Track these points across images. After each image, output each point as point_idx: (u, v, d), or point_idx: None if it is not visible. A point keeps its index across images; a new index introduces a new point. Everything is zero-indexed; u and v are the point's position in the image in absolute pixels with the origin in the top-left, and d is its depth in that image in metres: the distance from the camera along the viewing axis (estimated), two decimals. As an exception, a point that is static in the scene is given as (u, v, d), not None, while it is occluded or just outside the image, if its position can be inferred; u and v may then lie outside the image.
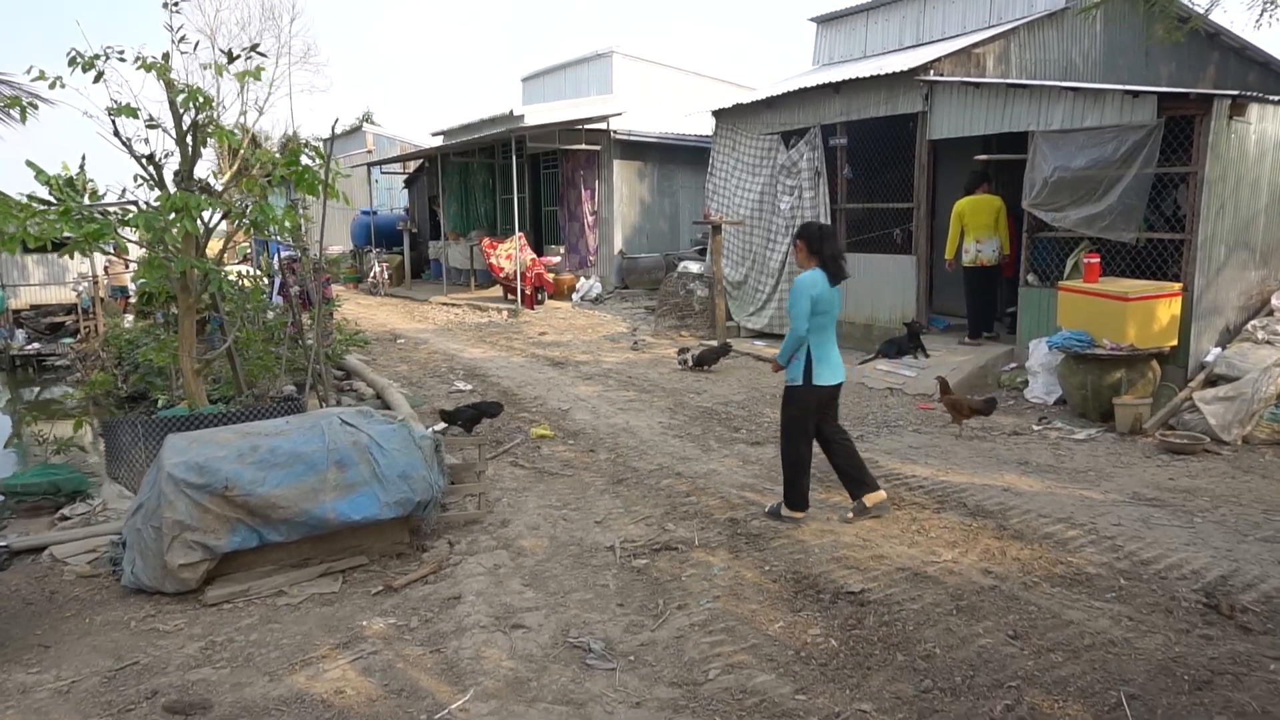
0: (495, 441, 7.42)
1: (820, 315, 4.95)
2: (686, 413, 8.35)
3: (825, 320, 4.98)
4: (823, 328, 5.00)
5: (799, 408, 5.12)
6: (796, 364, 5.04)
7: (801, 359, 5.02)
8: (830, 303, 4.95)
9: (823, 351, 5.02)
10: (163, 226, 5.16)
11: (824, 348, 5.02)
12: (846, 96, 10.96)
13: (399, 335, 14.19)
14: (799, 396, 5.10)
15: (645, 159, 17.64)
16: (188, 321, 5.99)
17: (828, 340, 5.06)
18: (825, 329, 5.02)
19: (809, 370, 5.01)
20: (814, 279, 4.94)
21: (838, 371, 5.13)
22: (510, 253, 16.43)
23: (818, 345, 5.00)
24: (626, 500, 5.80)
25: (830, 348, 5.07)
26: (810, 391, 5.06)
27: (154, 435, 5.58)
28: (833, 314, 5.01)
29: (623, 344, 12.61)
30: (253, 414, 5.85)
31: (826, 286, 4.94)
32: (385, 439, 4.74)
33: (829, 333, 5.06)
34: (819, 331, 4.99)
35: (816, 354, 5.00)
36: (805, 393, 5.07)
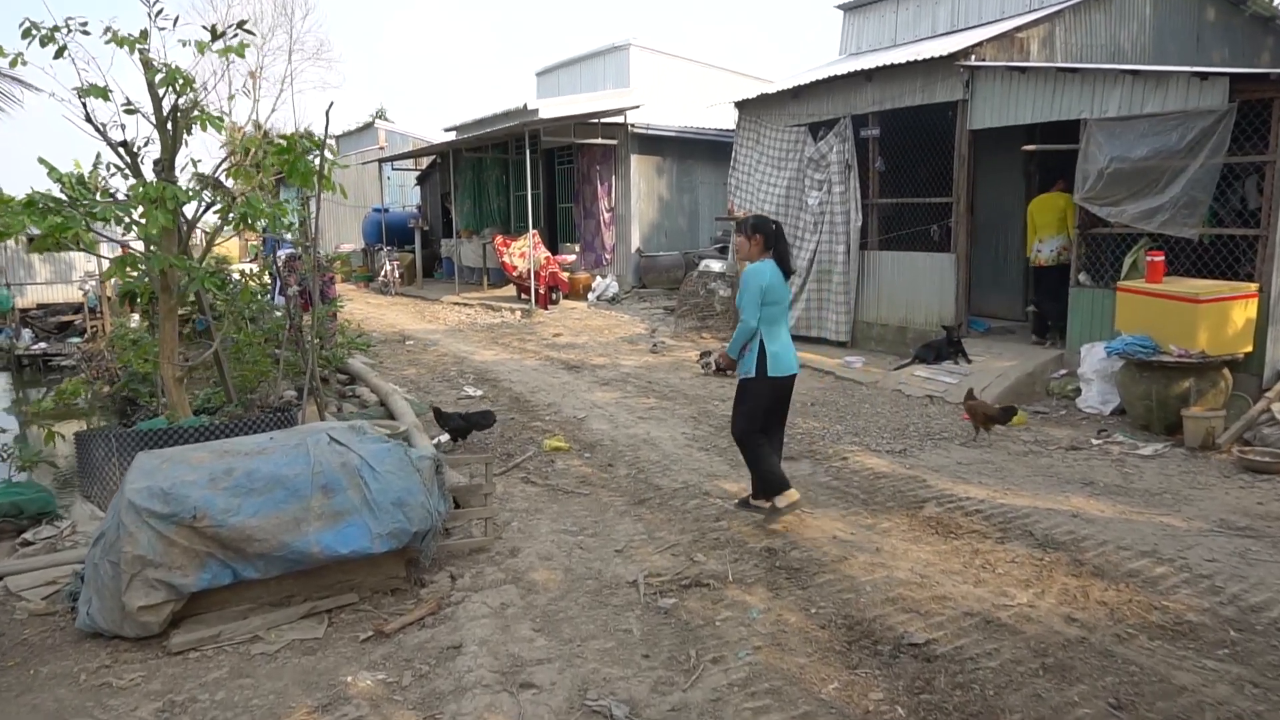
0: (505, 454, 6.86)
1: (771, 306, 4.90)
2: (712, 422, 7.76)
3: (777, 311, 4.95)
4: (774, 319, 4.95)
5: (753, 401, 5.04)
6: (749, 356, 4.98)
7: (754, 351, 4.95)
8: (781, 293, 4.94)
9: (776, 344, 4.96)
10: (133, 220, 4.63)
11: (777, 339, 4.97)
12: (879, 85, 10.33)
13: (408, 336, 13.67)
14: (752, 389, 5.02)
15: (664, 154, 17.06)
16: (169, 325, 5.47)
17: (781, 331, 5.01)
18: (777, 320, 4.98)
19: (762, 362, 4.94)
20: (763, 269, 4.91)
21: (792, 363, 5.06)
22: (524, 251, 15.89)
23: (770, 337, 4.94)
24: (650, 524, 5.23)
25: (783, 341, 5.02)
26: (764, 383, 4.98)
27: (128, 450, 5.05)
28: (784, 304, 5.01)
29: (641, 346, 12.03)
30: (239, 426, 5.31)
31: (778, 278, 4.93)
32: (378, 460, 4.18)
33: (781, 324, 5.03)
34: (770, 323, 4.93)
35: (770, 346, 4.94)
36: (759, 384, 4.99)
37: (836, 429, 7.43)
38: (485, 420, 7.16)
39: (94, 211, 4.56)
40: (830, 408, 8.22)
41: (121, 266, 4.82)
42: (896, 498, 5.59)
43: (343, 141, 30.24)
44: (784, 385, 5.10)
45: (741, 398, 5.10)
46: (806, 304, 11.52)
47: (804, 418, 7.83)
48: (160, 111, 5.33)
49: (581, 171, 17.72)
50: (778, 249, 5.01)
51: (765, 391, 5.02)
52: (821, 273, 11.31)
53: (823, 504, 5.52)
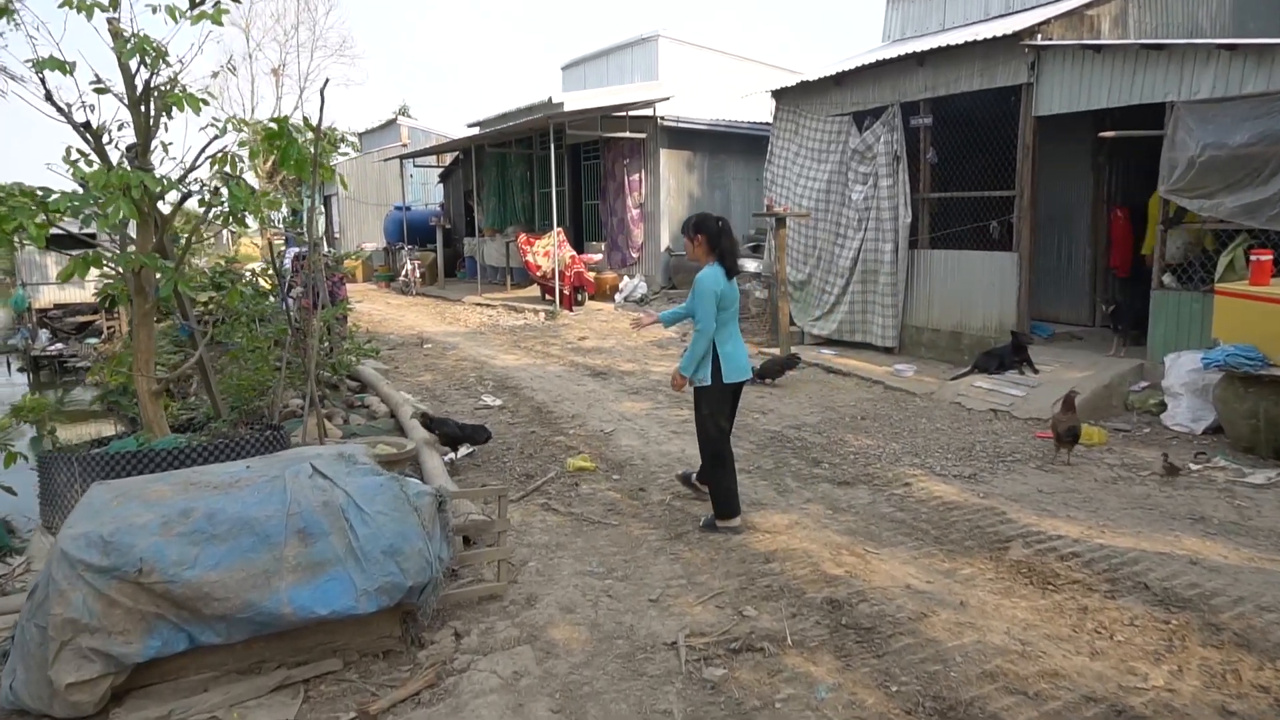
0: (524, 475, 6.16)
1: (723, 311, 4.85)
2: (752, 439, 7.02)
3: (727, 316, 4.90)
4: (725, 323, 4.90)
5: (711, 407, 4.96)
6: (705, 364, 4.89)
7: (709, 358, 4.87)
8: (732, 298, 4.89)
9: (728, 348, 4.90)
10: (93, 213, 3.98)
11: (729, 344, 4.91)
12: (933, 69, 9.52)
13: (426, 339, 13.04)
14: (710, 395, 4.94)
15: (694, 148, 16.30)
16: (144, 331, 4.83)
17: (732, 336, 4.95)
18: (728, 324, 4.92)
19: (718, 368, 4.87)
20: (716, 275, 4.84)
21: (745, 368, 5.00)
22: (548, 249, 15.22)
23: (723, 341, 4.88)
24: (688, 566, 4.50)
25: (736, 343, 4.96)
26: (722, 389, 4.93)
27: (93, 474, 4.41)
28: (734, 309, 4.94)
29: (672, 351, 11.30)
30: (220, 448, 4.66)
31: (726, 281, 4.86)
32: (367, 498, 3.49)
33: (732, 328, 4.96)
34: (722, 328, 4.88)
35: (722, 350, 4.88)
36: (716, 391, 4.92)
37: (893, 448, 6.65)
38: (480, 435, 6.50)
39: (46, 202, 3.92)
40: (882, 422, 7.45)
41: (83, 266, 4.19)
42: (975, 535, 4.82)
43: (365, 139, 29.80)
44: (738, 389, 5.09)
45: (700, 406, 5.01)
46: (850, 307, 10.73)
47: (855, 434, 7.06)
48: (133, 90, 4.68)
49: (608, 167, 17.01)
50: (722, 248, 4.90)
51: (724, 397, 4.97)
52: (866, 273, 10.52)
53: (888, 541, 4.76)
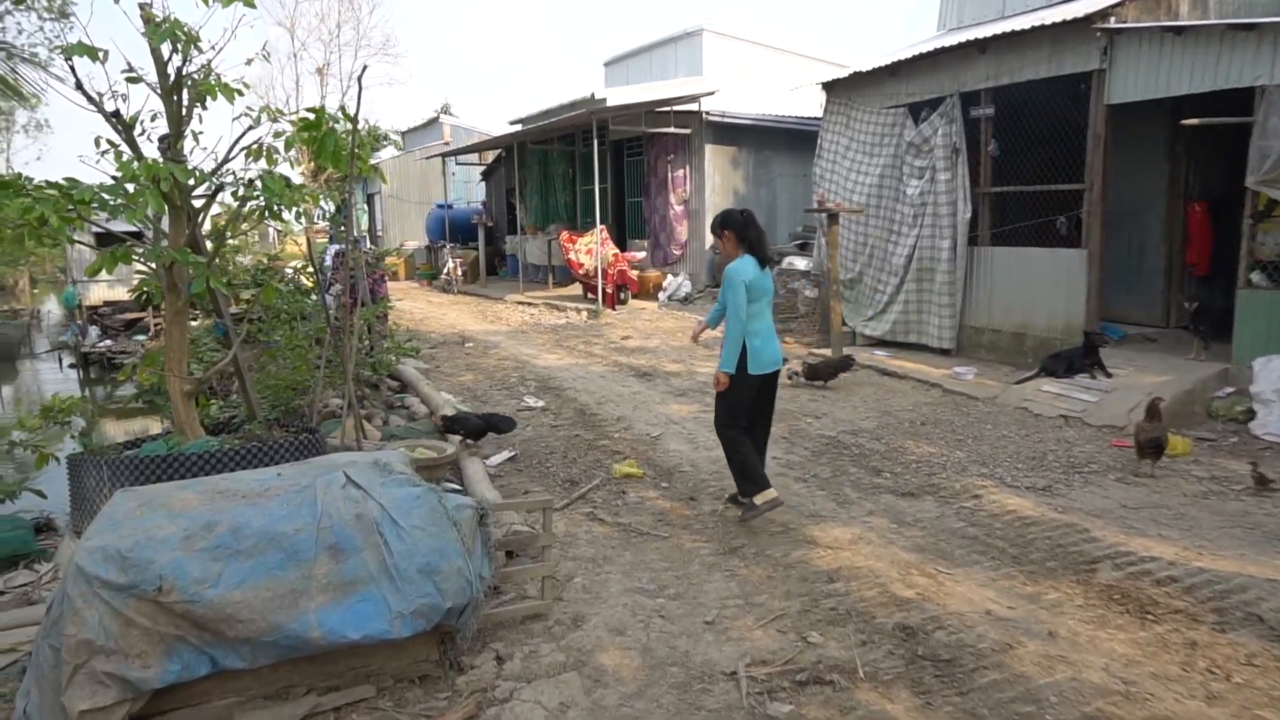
0: (569, 481, 5.89)
1: (754, 302, 4.81)
2: (807, 444, 6.67)
3: (758, 307, 4.85)
4: (756, 314, 4.85)
5: (733, 397, 4.90)
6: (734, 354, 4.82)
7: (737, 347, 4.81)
8: (763, 288, 4.86)
9: (757, 339, 4.84)
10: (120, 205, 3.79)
11: (758, 335, 4.85)
12: (995, 57, 9.06)
13: (468, 338, 12.86)
14: (733, 384, 4.86)
15: (740, 143, 15.94)
16: (176, 329, 4.64)
17: (762, 326, 4.89)
18: (759, 316, 4.88)
19: (743, 358, 4.82)
20: (744, 266, 4.80)
21: (774, 359, 4.94)
22: (591, 247, 14.97)
23: (751, 333, 4.83)
24: (745, 583, 4.18)
25: (765, 334, 4.89)
26: (744, 380, 4.85)
27: (121, 478, 4.23)
28: (765, 299, 4.89)
29: (718, 351, 10.94)
30: (253, 453, 4.45)
31: (757, 271, 4.82)
32: (404, 511, 3.23)
33: (763, 319, 4.91)
34: (753, 319, 4.84)
35: (751, 342, 4.82)
36: (739, 381, 4.85)
37: (958, 456, 6.26)
38: (504, 424, 6.31)
39: (72, 194, 3.73)
40: (944, 428, 7.04)
41: (111, 261, 4.00)
42: (1057, 555, 4.43)
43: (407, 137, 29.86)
44: (767, 381, 5.00)
45: (722, 393, 4.93)
46: (904, 306, 10.30)
47: (916, 440, 6.68)
48: (165, 78, 4.50)
49: (651, 163, 16.72)
50: (751, 238, 4.88)
51: (746, 388, 4.89)
52: (922, 271, 10.08)
53: (962, 560, 4.39)
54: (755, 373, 4.85)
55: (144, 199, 3.80)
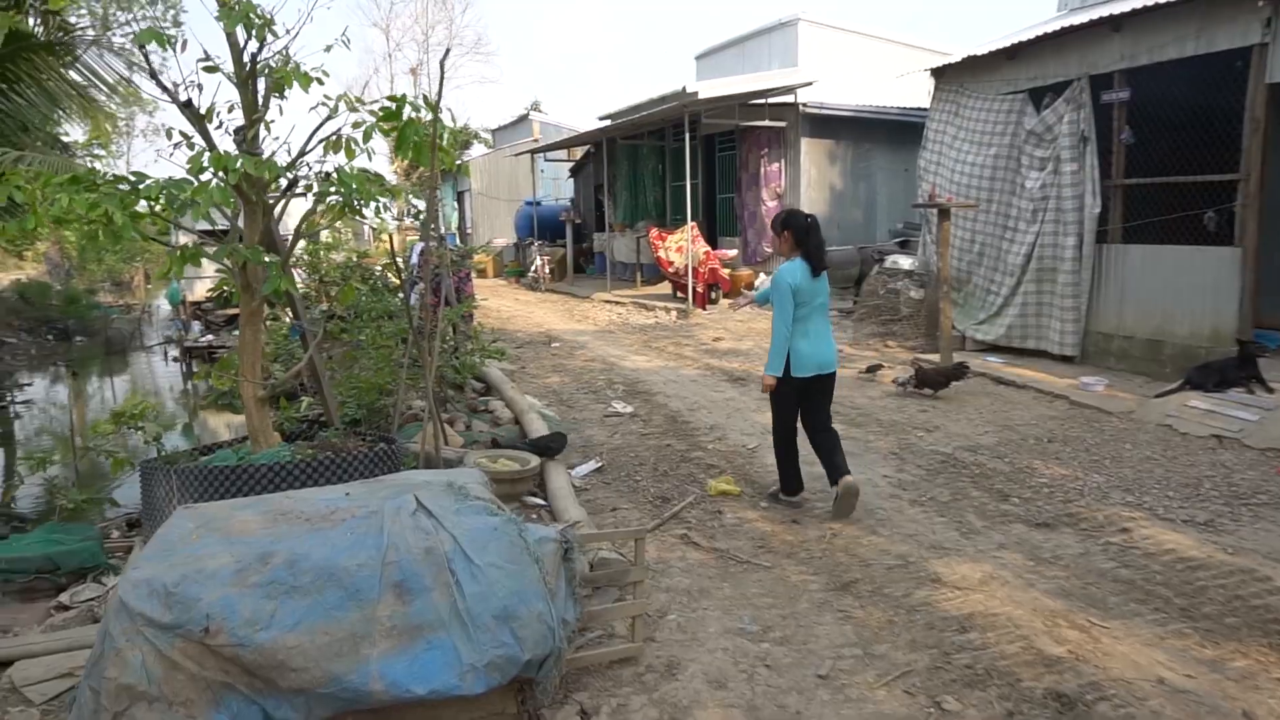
0: (659, 498, 5.46)
1: (802, 306, 4.84)
2: (920, 461, 6.07)
3: (808, 311, 4.88)
4: (805, 318, 4.89)
5: (781, 402, 5.04)
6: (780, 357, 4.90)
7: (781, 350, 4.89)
8: (813, 293, 4.88)
9: (802, 344, 4.88)
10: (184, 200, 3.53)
11: (806, 337, 4.89)
12: (1132, 35, 8.21)
13: (554, 338, 12.59)
14: (779, 388, 4.97)
15: (837, 136, 15.24)
16: (250, 331, 4.40)
17: (810, 330, 4.91)
18: (808, 319, 4.90)
19: (787, 362, 4.89)
20: (793, 269, 4.85)
21: (823, 363, 4.98)
22: (681, 245, 14.52)
23: (799, 336, 4.87)
24: (862, 628, 3.67)
25: (814, 339, 4.92)
26: (787, 383, 4.94)
27: (189, 489, 4.00)
28: (815, 304, 4.91)
29: (814, 355, 10.35)
30: (324, 465, 4.16)
31: (809, 276, 4.85)
32: (479, 545, 2.84)
33: (812, 323, 4.92)
34: (799, 322, 4.87)
35: (795, 345, 4.88)
36: (784, 384, 4.95)
37: (1095, 480, 5.56)
38: (557, 443, 5.92)
39: (138, 188, 3.50)
40: (1075, 447, 6.33)
41: (180, 261, 3.77)
42: (1236, 609, 3.76)
43: (498, 135, 30.01)
44: (815, 384, 5.02)
45: (771, 399, 5.07)
46: (1022, 309, 9.51)
47: (1044, 460, 6.00)
48: (241, 66, 4.25)
49: (743, 158, 16.16)
50: (809, 244, 4.88)
51: (792, 392, 4.98)
52: (1042, 271, 9.28)
53: (1118, 610, 3.77)
54: (799, 375, 4.91)
55: (209, 193, 3.53)
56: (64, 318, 23.17)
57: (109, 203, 3.37)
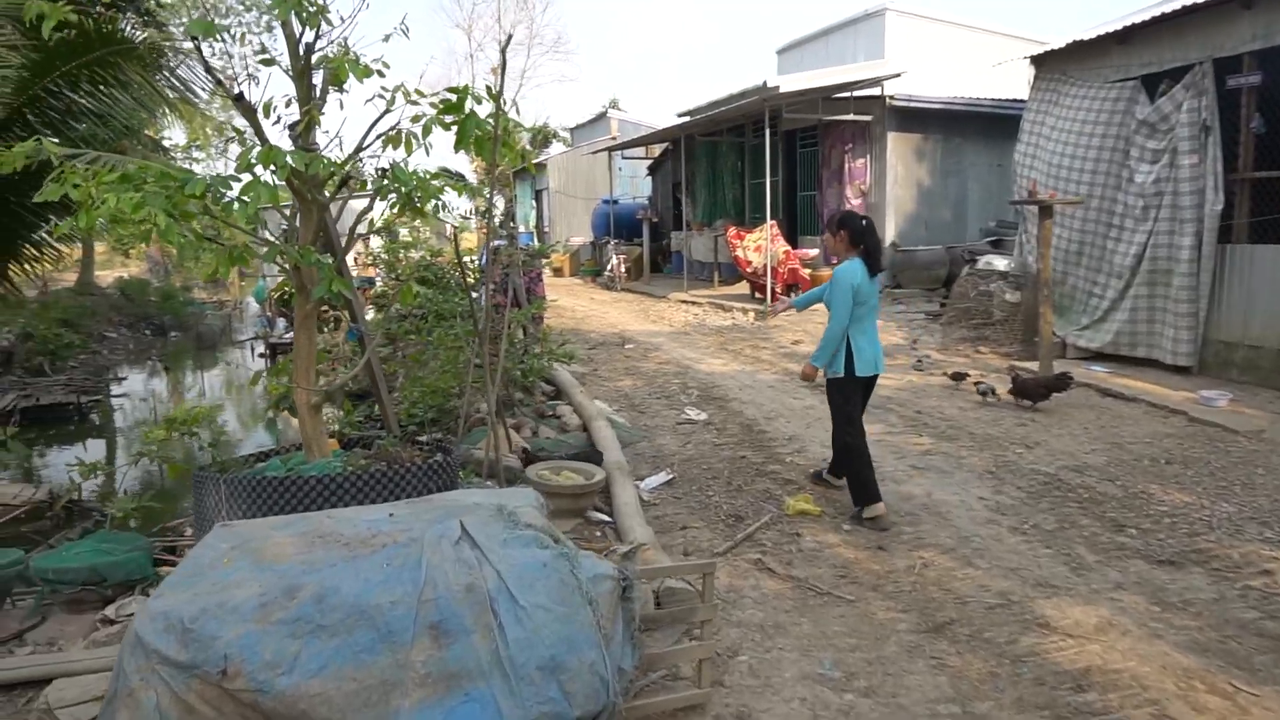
0: (733, 516, 5.09)
1: (859, 305, 4.86)
2: (1019, 482, 5.55)
3: (864, 311, 4.91)
4: (861, 318, 4.91)
5: (843, 398, 5.04)
6: (839, 356, 4.95)
7: (842, 351, 4.93)
8: (870, 293, 4.90)
9: (861, 341, 4.93)
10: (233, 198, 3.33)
11: (864, 336, 4.94)
12: (1266, 11, 7.44)
13: (628, 339, 12.31)
14: (842, 387, 5.01)
15: (926, 130, 14.53)
16: (304, 335, 4.21)
17: (868, 329, 4.97)
18: (863, 319, 4.93)
19: (850, 361, 4.92)
20: (853, 269, 4.87)
21: (877, 363, 5.02)
22: (760, 244, 14.07)
23: (857, 335, 4.92)
24: (959, 680, 3.24)
25: (870, 338, 4.98)
26: (853, 382, 4.98)
27: (237, 500, 3.83)
28: (870, 304, 4.93)
29: (900, 360, 9.82)
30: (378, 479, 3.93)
31: (866, 276, 4.87)
32: (525, 583, 2.54)
33: (867, 323, 4.97)
34: (857, 322, 4.90)
35: (855, 344, 4.91)
36: (848, 384, 4.98)
37: (1225, 510, 4.96)
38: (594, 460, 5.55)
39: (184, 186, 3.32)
40: (1199, 470, 5.70)
41: (227, 261, 3.59)
42: None
43: (575, 133, 29.94)
44: (870, 383, 5.11)
45: (833, 397, 5.11)
46: (1131, 315, 8.78)
47: (1162, 484, 5.40)
48: (296, 56, 4.06)
49: (826, 154, 15.59)
50: (866, 244, 4.91)
51: (854, 390, 5.01)
52: (1155, 273, 8.55)
53: (1268, 673, 3.24)
54: (862, 374, 4.93)
55: (258, 191, 3.33)
56: (160, 314, 24.05)
57: (154, 203, 3.19)
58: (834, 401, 5.13)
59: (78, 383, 14.98)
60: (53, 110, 7.49)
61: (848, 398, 5.03)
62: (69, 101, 7.59)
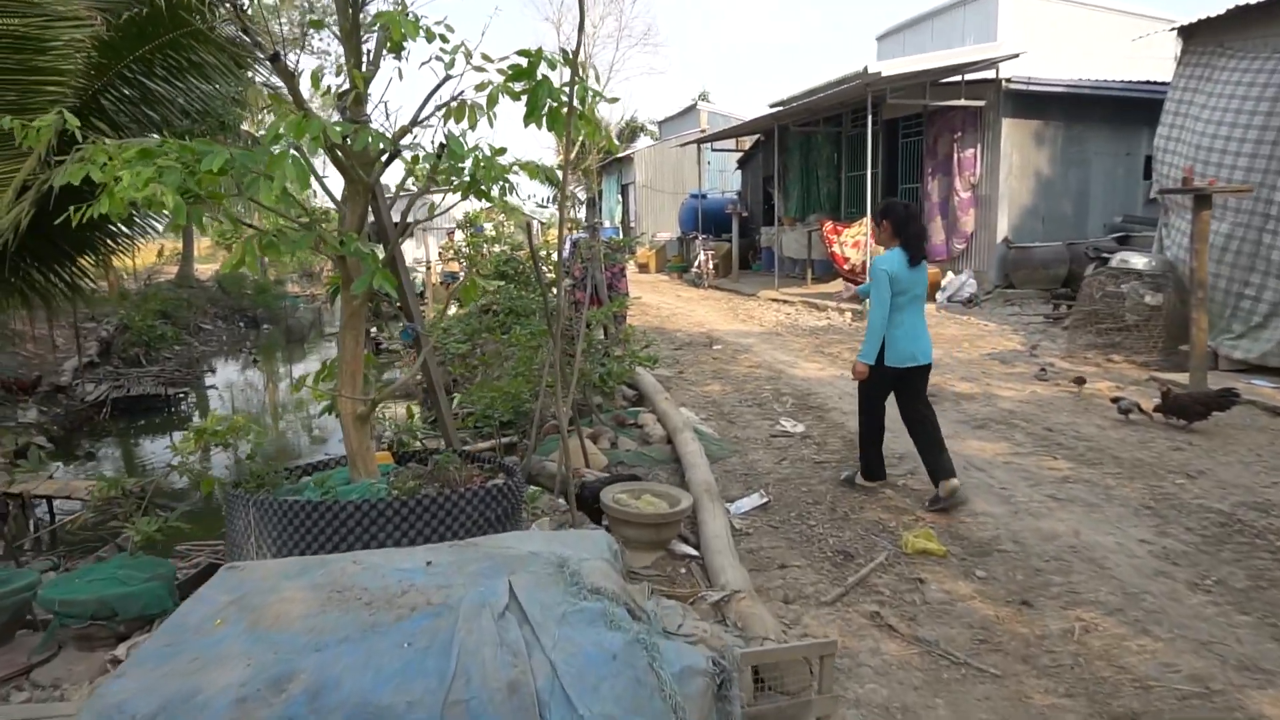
0: (840, 552, 4.35)
1: (900, 295, 4.74)
2: (1188, 521, 4.62)
3: (904, 300, 4.78)
4: (901, 307, 4.78)
5: (870, 389, 4.99)
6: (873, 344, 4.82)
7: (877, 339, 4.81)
8: (911, 282, 4.78)
9: (898, 332, 4.80)
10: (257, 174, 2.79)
11: (901, 326, 4.80)
12: None
13: (716, 339, 11.60)
14: (871, 377, 4.90)
15: (1045, 116, 13.32)
16: (349, 337, 3.68)
17: (905, 321, 4.81)
18: (904, 309, 4.79)
19: (881, 349, 4.80)
20: (893, 258, 4.78)
21: (918, 354, 4.85)
22: (858, 239, 13.16)
23: (894, 325, 4.78)
24: (1160, 808, 2.44)
25: (908, 329, 4.82)
26: (879, 371, 4.85)
27: (268, 525, 3.31)
28: (912, 293, 4.79)
29: (1019, 368, 8.83)
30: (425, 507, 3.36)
31: (906, 266, 4.75)
32: (588, 684, 1.90)
33: (908, 312, 4.81)
34: (895, 312, 4.77)
35: (890, 334, 4.80)
36: (876, 373, 4.87)
37: None
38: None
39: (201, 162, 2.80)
40: None
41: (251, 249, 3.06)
42: None
43: (664, 126, 29.30)
44: (909, 375, 4.90)
45: (860, 388, 5.06)
46: (1300, 321, 7.61)
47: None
48: (344, 13, 3.52)
49: (931, 144, 14.51)
50: (907, 234, 4.80)
51: (881, 380, 4.91)
52: (1334, 275, 7.37)
53: None
54: (892, 365, 4.83)
55: (285, 167, 2.78)
56: (254, 306, 24.52)
57: (168, 179, 2.68)
58: (860, 389, 5.07)
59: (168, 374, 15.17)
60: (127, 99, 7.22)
61: (872, 388, 4.97)
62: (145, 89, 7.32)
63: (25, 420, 11.76)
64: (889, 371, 4.86)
